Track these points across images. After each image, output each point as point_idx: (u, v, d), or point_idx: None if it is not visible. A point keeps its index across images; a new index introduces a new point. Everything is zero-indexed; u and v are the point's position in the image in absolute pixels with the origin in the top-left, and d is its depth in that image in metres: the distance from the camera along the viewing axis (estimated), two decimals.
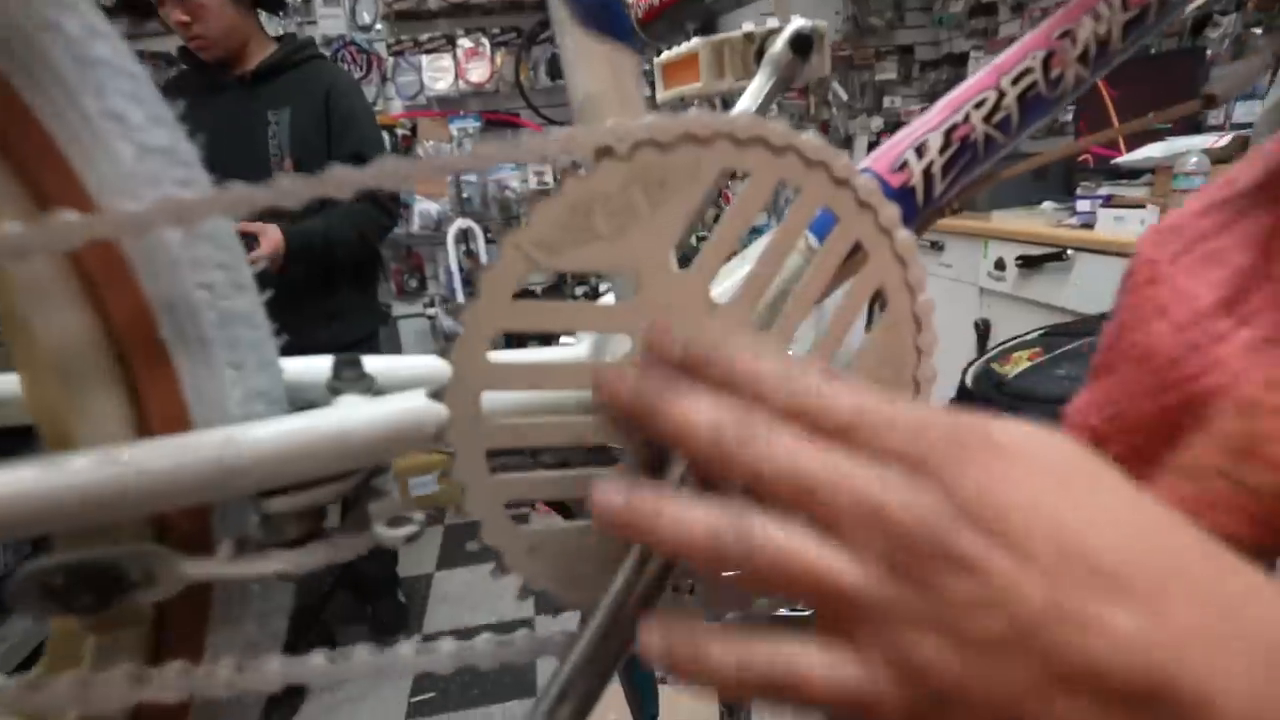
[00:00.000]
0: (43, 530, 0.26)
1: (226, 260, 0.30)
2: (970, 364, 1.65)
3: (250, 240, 1.48)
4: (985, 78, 0.40)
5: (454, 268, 2.74)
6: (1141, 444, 0.35)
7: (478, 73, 2.74)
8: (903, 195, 0.39)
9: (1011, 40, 0.44)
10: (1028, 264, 1.96)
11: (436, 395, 0.29)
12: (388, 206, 1.73)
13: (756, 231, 0.39)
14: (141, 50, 2.53)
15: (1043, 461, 0.20)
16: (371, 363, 0.36)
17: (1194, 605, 0.18)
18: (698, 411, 0.23)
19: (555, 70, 2.78)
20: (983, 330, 2.24)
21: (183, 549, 0.29)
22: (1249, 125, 1.73)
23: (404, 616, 2.07)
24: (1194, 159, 1.57)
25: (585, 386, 0.29)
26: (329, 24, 2.74)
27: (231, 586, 0.31)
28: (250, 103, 1.61)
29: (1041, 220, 2.12)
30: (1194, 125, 1.92)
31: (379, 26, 2.78)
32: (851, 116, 3.09)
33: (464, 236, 2.77)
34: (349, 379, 0.33)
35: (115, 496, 0.25)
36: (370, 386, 0.34)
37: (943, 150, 0.39)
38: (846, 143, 3.04)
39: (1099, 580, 0.18)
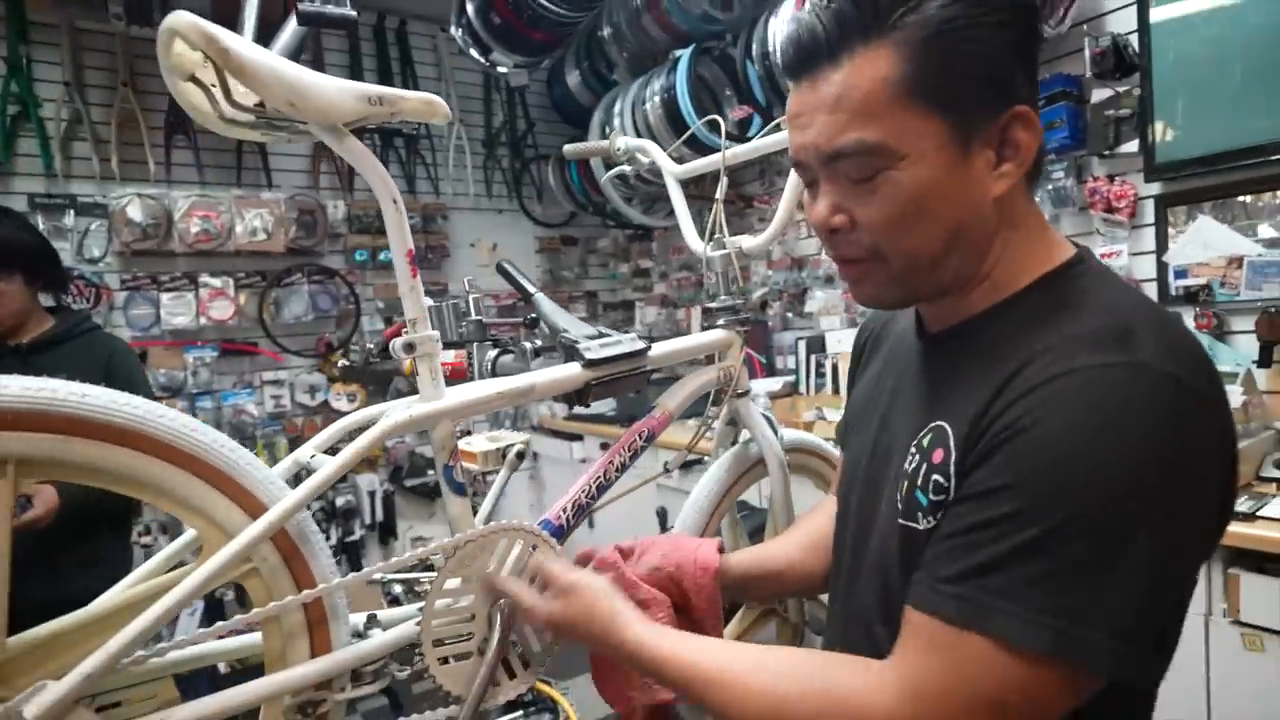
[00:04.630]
0: None
1: None
2: None
3: (25, 501, 1.63)
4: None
5: None
6: None
7: (221, 311, 3.01)
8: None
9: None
10: (683, 466, 2.69)
11: None
12: None
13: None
14: None
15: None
16: None
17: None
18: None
19: (291, 309, 3.15)
20: (662, 517, 2.93)
21: None
22: None
23: None
24: None
25: None
26: None
27: None
28: (25, 372, 1.78)
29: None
30: None
31: (108, 260, 2.94)
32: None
33: None
34: None
35: None
36: None
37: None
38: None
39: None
